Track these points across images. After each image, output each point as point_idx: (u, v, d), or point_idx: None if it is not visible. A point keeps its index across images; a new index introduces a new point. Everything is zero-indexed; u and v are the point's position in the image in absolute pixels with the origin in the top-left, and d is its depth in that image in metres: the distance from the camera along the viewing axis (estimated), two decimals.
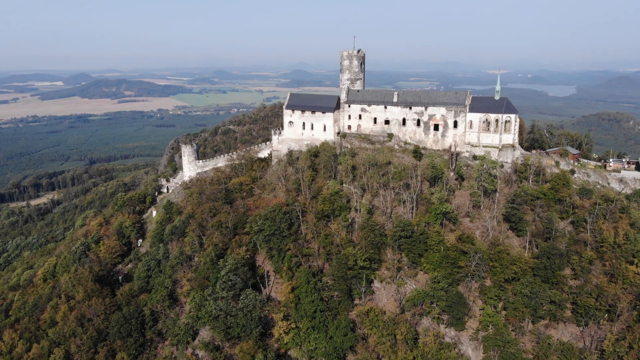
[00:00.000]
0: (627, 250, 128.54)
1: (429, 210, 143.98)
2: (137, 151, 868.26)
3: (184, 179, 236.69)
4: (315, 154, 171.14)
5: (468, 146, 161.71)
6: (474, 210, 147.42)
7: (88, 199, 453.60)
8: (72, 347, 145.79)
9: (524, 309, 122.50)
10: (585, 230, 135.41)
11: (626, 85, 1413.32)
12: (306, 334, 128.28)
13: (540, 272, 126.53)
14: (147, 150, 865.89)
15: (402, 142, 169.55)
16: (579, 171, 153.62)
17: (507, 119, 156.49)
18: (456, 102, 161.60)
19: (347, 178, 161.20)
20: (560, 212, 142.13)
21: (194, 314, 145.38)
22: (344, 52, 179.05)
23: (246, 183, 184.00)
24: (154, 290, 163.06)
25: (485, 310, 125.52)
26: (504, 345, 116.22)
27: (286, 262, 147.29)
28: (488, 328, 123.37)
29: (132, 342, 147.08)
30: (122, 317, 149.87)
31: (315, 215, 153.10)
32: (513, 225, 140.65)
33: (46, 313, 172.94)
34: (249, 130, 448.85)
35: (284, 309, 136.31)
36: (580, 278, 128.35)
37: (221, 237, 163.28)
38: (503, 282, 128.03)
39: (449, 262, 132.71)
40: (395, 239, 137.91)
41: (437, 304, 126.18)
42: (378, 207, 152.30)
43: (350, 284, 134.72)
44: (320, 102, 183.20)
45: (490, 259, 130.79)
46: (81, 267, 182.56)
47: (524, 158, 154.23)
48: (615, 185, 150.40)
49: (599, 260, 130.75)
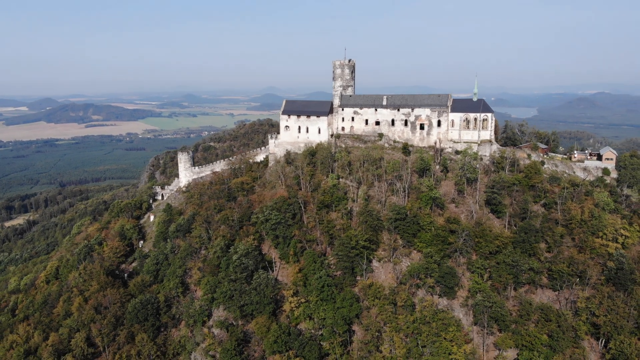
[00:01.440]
0: (593, 225, 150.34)
1: (420, 197, 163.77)
2: (108, 174, 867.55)
3: (179, 185, 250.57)
4: (312, 152, 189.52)
5: (451, 142, 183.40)
6: (459, 197, 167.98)
7: (68, 217, 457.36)
8: (93, 331, 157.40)
9: (507, 276, 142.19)
10: (556, 211, 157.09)
11: (585, 106, 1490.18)
12: (316, 306, 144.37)
13: (519, 245, 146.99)
14: (118, 173, 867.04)
15: (392, 141, 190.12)
16: (548, 162, 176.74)
17: (485, 118, 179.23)
18: (439, 104, 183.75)
19: (343, 173, 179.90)
20: (533, 196, 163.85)
21: (208, 296, 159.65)
22: (336, 62, 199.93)
23: (247, 182, 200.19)
24: (165, 280, 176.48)
25: (473, 278, 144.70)
26: (491, 306, 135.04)
27: (292, 247, 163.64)
28: (476, 295, 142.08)
29: (149, 325, 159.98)
30: (138, 303, 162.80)
31: (316, 205, 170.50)
32: (493, 208, 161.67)
33: (59, 307, 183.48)
34: (230, 146, 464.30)
35: (293, 287, 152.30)
36: (553, 250, 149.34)
37: (228, 229, 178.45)
38: (488, 254, 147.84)
39: (440, 240, 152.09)
40: (391, 222, 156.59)
41: (432, 275, 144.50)
42: (373, 197, 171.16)
43: (352, 262, 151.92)
44: (314, 107, 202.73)
45: (476, 235, 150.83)
46: (90, 264, 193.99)
47: (500, 152, 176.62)
48: (579, 173, 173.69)
49: (568, 235, 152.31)
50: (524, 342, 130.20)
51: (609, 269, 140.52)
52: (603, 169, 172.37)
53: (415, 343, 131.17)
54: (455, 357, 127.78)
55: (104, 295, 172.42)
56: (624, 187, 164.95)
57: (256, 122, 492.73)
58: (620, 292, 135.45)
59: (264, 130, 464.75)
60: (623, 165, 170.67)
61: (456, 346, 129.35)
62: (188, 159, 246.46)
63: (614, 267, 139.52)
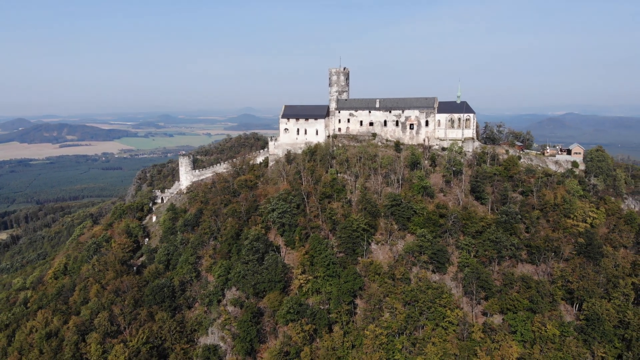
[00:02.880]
0: (565, 209, 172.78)
1: (412, 187, 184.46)
2: (86, 192, 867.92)
3: (180, 187, 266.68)
4: (312, 151, 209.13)
5: (437, 140, 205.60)
6: (446, 187, 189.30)
7: (55, 230, 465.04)
8: (115, 311, 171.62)
9: (491, 252, 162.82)
10: (532, 197, 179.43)
11: (555, 126, 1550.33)
12: (323, 281, 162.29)
13: (501, 225, 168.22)
14: (96, 191, 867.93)
15: (384, 140, 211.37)
16: (524, 157, 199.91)
17: (467, 118, 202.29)
18: (427, 106, 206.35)
19: (342, 168, 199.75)
20: (512, 185, 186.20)
21: (222, 278, 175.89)
22: (332, 69, 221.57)
23: (250, 180, 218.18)
24: (178, 267, 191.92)
25: (462, 254, 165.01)
26: (479, 276, 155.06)
27: (297, 234, 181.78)
28: (465, 269, 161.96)
29: (166, 306, 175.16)
30: (156, 286, 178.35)
31: (318, 196, 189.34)
32: (477, 195, 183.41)
33: (75, 295, 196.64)
34: (217, 159, 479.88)
35: (300, 267, 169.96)
36: (531, 230, 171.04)
37: (236, 220, 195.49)
38: (474, 233, 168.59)
39: (431, 223, 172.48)
40: (387, 208, 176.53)
41: (425, 252, 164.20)
42: (370, 188, 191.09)
43: (354, 243, 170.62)
44: (312, 111, 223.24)
45: (463, 218, 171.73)
46: (104, 256, 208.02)
47: (482, 148, 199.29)
48: (552, 166, 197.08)
49: (543, 217, 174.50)
50: (507, 306, 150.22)
51: (579, 245, 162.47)
52: (572, 162, 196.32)
53: (413, 309, 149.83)
54: (449, 319, 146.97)
55: (121, 281, 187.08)
56: (591, 177, 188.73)
57: (242, 136, 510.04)
58: (590, 262, 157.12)
59: (249, 143, 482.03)
60: (590, 158, 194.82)
61: (449, 310, 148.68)
62: (189, 162, 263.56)
63: (585, 243, 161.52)
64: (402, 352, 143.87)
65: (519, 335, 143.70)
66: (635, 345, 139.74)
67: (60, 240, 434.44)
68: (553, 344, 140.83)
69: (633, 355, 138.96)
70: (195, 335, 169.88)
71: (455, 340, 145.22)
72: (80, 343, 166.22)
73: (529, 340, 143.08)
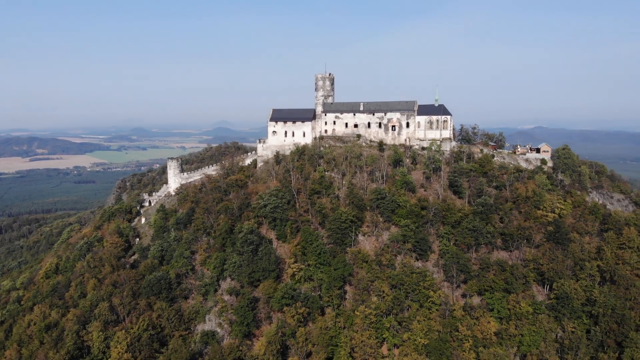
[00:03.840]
0: (535, 201, 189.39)
1: (395, 182, 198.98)
2: (59, 205, 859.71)
3: (169, 190, 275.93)
4: (301, 151, 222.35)
5: (417, 140, 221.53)
6: (427, 182, 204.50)
7: (33, 239, 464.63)
8: (115, 301, 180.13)
9: (469, 239, 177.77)
10: (506, 191, 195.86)
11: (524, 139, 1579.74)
12: (315, 269, 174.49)
13: (478, 215, 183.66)
14: (69, 205, 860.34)
15: (368, 140, 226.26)
16: (497, 155, 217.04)
17: (445, 119, 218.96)
18: (407, 108, 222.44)
19: (329, 167, 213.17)
20: (487, 180, 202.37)
21: (218, 269, 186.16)
22: (318, 75, 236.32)
23: (240, 179, 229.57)
24: (173, 261, 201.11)
25: (442, 242, 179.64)
26: (458, 261, 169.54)
27: (288, 227, 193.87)
28: (445, 255, 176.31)
29: (163, 297, 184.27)
30: (153, 278, 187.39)
31: (307, 193, 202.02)
32: (455, 190, 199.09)
33: (71, 290, 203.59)
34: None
35: (293, 257, 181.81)
36: (504, 220, 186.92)
37: (229, 217, 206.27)
38: (453, 223, 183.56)
39: (414, 215, 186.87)
40: (373, 201, 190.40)
41: (408, 241, 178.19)
42: (356, 185, 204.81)
43: (343, 234, 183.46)
44: (299, 114, 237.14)
45: (442, 209, 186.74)
46: (99, 252, 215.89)
47: (458, 147, 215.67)
48: (522, 163, 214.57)
49: (516, 209, 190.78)
50: (485, 288, 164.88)
51: (549, 232, 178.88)
52: (541, 159, 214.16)
53: (399, 292, 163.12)
54: (432, 300, 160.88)
55: (118, 275, 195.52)
56: (558, 173, 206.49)
57: (222, 145, 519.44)
58: (559, 248, 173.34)
59: (230, 152, 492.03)
60: (557, 156, 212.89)
61: (432, 292, 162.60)
62: (177, 165, 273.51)
63: (553, 231, 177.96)
64: (390, 331, 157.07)
65: (496, 313, 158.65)
66: (602, 321, 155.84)
67: (39, 249, 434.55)
68: (527, 319, 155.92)
69: (600, 329, 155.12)
70: (193, 323, 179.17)
71: (439, 318, 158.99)
72: (81, 332, 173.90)
73: (505, 317, 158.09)
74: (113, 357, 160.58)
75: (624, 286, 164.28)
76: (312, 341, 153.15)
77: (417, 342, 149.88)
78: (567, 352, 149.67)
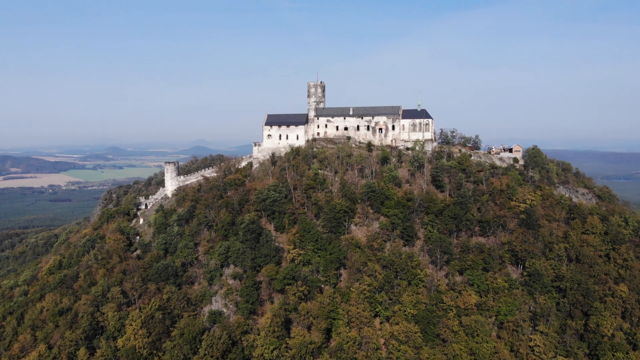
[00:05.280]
0: (509, 193, 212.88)
1: (383, 178, 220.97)
2: (36, 222, 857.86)
3: (165, 192, 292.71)
4: (296, 151, 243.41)
5: (402, 141, 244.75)
6: (411, 178, 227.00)
7: (19, 250, 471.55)
8: (127, 286, 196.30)
9: (451, 225, 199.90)
10: (482, 185, 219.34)
11: None
12: (312, 253, 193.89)
13: (458, 205, 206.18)
14: (47, 222, 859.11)
15: (357, 142, 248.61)
16: (474, 155, 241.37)
17: (427, 122, 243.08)
18: (393, 113, 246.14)
19: (322, 165, 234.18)
20: (465, 176, 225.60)
21: (222, 256, 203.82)
22: (310, 83, 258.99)
23: (238, 179, 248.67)
24: (177, 252, 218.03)
25: (427, 228, 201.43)
26: (441, 244, 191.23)
27: (286, 218, 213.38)
28: (429, 240, 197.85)
29: (171, 283, 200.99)
30: (161, 265, 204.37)
31: (303, 187, 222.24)
32: (437, 184, 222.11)
33: (80, 281, 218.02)
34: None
35: (292, 244, 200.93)
36: (482, 210, 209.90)
37: (229, 211, 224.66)
38: (436, 212, 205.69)
39: (401, 206, 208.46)
40: (364, 194, 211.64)
41: (397, 228, 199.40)
42: (347, 181, 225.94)
43: (337, 223, 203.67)
44: (293, 119, 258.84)
45: (426, 201, 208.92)
46: (105, 247, 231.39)
47: (439, 147, 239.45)
48: (497, 161, 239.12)
49: (492, 201, 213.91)
50: (465, 266, 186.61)
51: (521, 220, 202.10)
52: (513, 158, 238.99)
53: (389, 271, 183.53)
54: (419, 277, 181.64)
55: (127, 264, 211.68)
56: (528, 169, 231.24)
57: (208, 157, 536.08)
58: (530, 232, 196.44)
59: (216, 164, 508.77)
60: (527, 155, 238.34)
61: (419, 270, 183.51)
62: (174, 169, 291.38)
63: (525, 218, 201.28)
64: (382, 304, 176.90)
65: (476, 287, 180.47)
66: (570, 294, 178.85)
67: (26, 259, 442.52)
68: (503, 293, 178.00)
69: (568, 301, 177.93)
70: (200, 305, 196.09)
71: (425, 292, 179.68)
72: (95, 313, 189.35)
73: (484, 291, 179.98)
74: (128, 333, 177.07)
75: (588, 264, 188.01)
76: (313, 314, 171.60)
77: (407, 313, 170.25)
78: (539, 320, 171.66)
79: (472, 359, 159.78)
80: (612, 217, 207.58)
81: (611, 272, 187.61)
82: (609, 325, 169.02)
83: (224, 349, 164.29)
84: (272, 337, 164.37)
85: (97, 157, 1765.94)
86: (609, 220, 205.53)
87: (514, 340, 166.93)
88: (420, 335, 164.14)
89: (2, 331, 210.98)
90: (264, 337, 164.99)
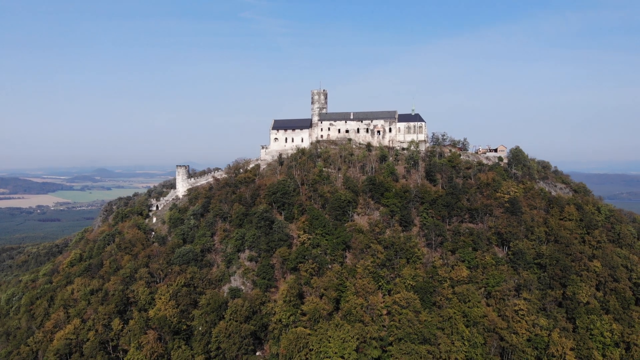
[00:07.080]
0: (495, 186, 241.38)
1: (383, 173, 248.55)
2: (27, 241, 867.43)
3: (177, 194, 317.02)
4: (302, 151, 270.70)
5: (399, 142, 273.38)
6: (407, 174, 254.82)
7: (21, 259, 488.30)
8: (153, 267, 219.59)
9: (444, 212, 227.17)
10: (471, 180, 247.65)
11: None
12: (321, 237, 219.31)
13: (449, 196, 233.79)
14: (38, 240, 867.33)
15: (358, 143, 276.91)
16: (463, 154, 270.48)
17: (420, 125, 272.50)
18: (390, 117, 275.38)
19: (326, 164, 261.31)
20: (455, 172, 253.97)
21: (238, 241, 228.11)
22: (314, 91, 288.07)
23: (249, 177, 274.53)
24: (196, 240, 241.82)
25: (422, 215, 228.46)
26: (435, 228, 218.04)
27: (295, 209, 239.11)
28: (424, 225, 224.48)
29: (192, 265, 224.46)
30: (183, 250, 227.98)
31: (310, 182, 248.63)
32: (431, 179, 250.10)
33: (106, 266, 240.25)
34: None
35: (301, 230, 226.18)
36: (471, 200, 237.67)
37: (242, 204, 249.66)
38: (430, 201, 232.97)
39: (399, 197, 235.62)
40: (366, 186, 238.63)
41: (396, 215, 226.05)
42: (350, 176, 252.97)
43: (342, 212, 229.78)
44: (298, 123, 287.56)
45: (421, 192, 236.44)
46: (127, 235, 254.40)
47: (432, 147, 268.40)
48: (483, 160, 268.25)
49: (480, 193, 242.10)
50: (457, 246, 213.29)
51: (506, 208, 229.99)
52: (498, 157, 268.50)
53: (390, 251, 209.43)
54: (417, 255, 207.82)
55: (151, 250, 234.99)
56: (512, 167, 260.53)
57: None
58: (514, 217, 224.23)
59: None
60: (511, 154, 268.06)
61: (417, 249, 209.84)
62: (185, 172, 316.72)
63: (510, 206, 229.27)
64: (385, 278, 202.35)
65: (467, 263, 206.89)
66: (549, 269, 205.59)
67: (29, 267, 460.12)
68: (491, 268, 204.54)
69: (548, 274, 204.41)
70: (220, 285, 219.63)
71: (422, 268, 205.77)
72: (125, 290, 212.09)
73: (473, 267, 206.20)
74: (159, 305, 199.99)
75: (565, 244, 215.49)
76: (323, 287, 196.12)
77: (406, 284, 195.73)
78: (522, 290, 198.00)
79: (465, 320, 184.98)
80: (587, 207, 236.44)
81: (586, 251, 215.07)
82: (584, 293, 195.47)
83: (247, 314, 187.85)
84: (288, 305, 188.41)
85: (84, 179, 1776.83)
86: (584, 209, 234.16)
87: (500, 307, 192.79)
88: (419, 302, 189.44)
89: (33, 312, 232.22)
90: (282, 304, 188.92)
